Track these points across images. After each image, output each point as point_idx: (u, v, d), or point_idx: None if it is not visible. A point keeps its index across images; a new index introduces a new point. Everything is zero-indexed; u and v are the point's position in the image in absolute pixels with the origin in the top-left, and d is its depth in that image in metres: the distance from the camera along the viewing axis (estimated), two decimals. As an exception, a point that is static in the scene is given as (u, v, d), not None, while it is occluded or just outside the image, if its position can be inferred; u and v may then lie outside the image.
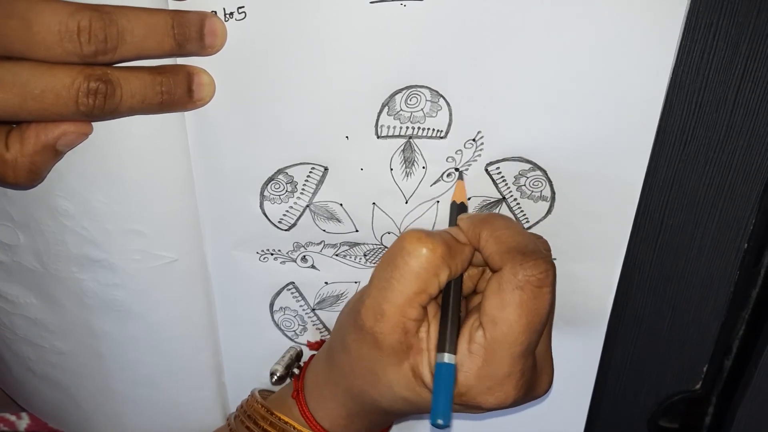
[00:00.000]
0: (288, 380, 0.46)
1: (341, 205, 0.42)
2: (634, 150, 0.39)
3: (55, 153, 0.36)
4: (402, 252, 0.37)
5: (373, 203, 0.42)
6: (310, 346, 0.48)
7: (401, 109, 0.38)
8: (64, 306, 0.45)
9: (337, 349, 0.41)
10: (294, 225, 0.43)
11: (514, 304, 0.36)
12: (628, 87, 0.37)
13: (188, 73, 0.36)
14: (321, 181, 0.41)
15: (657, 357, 0.50)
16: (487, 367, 0.36)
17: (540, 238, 0.40)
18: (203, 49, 0.35)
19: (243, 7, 0.35)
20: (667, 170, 0.43)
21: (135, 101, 0.35)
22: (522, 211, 0.42)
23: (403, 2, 0.35)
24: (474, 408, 0.38)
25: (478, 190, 0.41)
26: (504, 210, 0.42)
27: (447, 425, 0.36)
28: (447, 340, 0.37)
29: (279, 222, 0.43)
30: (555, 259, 0.43)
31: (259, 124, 0.39)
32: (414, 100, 0.38)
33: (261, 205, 0.42)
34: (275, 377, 0.46)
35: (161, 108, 0.36)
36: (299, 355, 0.48)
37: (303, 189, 0.41)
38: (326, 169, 0.40)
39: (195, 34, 0.35)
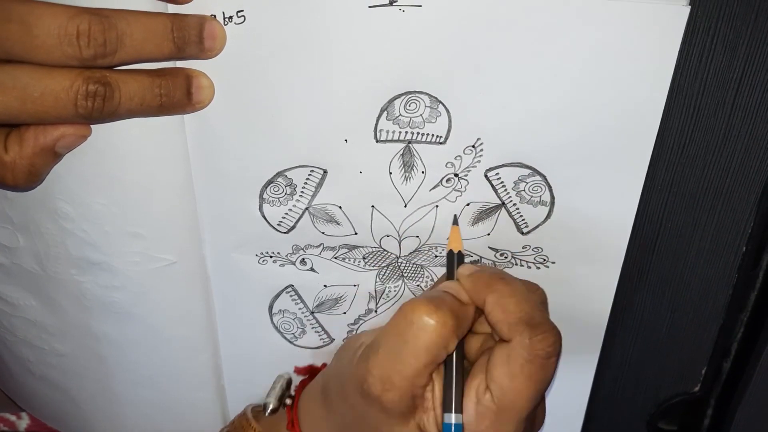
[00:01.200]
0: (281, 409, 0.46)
1: (340, 207, 0.42)
2: (634, 154, 0.39)
3: (54, 155, 0.36)
4: (412, 326, 0.36)
5: (372, 206, 0.42)
6: (297, 371, 0.48)
7: (400, 114, 0.38)
8: (63, 308, 0.45)
9: (336, 395, 0.40)
10: (293, 227, 0.43)
11: (524, 376, 0.36)
12: (628, 92, 0.37)
13: (187, 75, 0.36)
14: (320, 184, 0.41)
15: (655, 359, 0.50)
16: (493, 428, 0.37)
17: (537, 290, 0.40)
18: (202, 53, 0.35)
19: (242, 10, 0.35)
20: (666, 173, 0.43)
21: (134, 104, 0.35)
22: (521, 215, 0.42)
23: (402, 7, 0.35)
24: None
25: (478, 195, 0.41)
26: (503, 215, 0.42)
27: None
28: (453, 400, 0.37)
29: (278, 224, 0.43)
30: (554, 263, 0.43)
31: (259, 127, 0.39)
32: (413, 106, 0.38)
33: (260, 208, 0.42)
34: (269, 410, 0.45)
35: (160, 111, 0.36)
36: (289, 383, 0.47)
37: (302, 192, 0.41)
38: (325, 171, 0.40)
39: (194, 37, 0.35)
